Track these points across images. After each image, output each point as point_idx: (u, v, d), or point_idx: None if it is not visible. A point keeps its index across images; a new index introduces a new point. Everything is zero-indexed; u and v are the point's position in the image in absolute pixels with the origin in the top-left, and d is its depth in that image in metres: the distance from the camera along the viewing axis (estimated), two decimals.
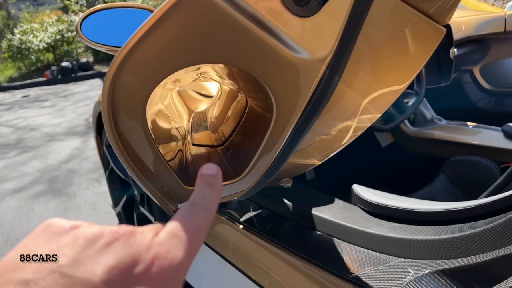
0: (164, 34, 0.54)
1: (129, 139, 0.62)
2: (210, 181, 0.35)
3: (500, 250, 0.69)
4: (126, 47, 0.54)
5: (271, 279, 1.17)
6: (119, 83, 0.57)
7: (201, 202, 0.33)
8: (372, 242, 0.95)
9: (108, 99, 0.57)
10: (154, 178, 0.67)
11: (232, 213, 1.31)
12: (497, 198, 0.81)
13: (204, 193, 0.34)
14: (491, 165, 1.52)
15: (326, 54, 0.52)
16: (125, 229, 0.29)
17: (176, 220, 0.31)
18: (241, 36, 0.53)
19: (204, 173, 0.35)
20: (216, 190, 0.34)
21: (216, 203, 0.34)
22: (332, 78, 0.53)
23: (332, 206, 1.15)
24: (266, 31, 0.53)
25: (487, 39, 2.07)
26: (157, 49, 0.55)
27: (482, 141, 1.73)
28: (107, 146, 1.93)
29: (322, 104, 0.55)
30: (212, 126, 0.97)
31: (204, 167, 0.36)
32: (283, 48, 0.54)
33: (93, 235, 0.28)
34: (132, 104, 0.59)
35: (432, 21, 0.56)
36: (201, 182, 0.35)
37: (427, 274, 0.76)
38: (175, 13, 0.52)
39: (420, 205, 0.97)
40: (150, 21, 0.53)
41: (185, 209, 0.32)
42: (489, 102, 2.24)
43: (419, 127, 1.94)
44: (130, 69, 0.56)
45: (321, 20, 0.52)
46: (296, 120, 0.57)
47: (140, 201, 1.79)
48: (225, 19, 0.53)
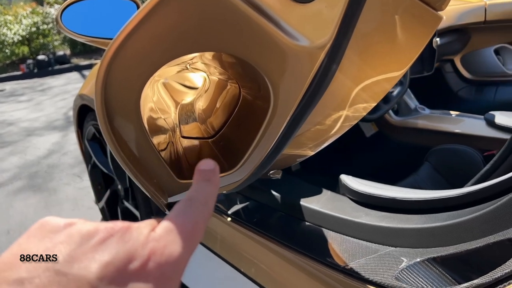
0: (160, 23, 0.52)
1: (123, 131, 0.60)
2: (208, 176, 0.34)
3: (491, 237, 0.70)
4: (119, 37, 0.53)
5: (259, 270, 1.17)
6: (112, 74, 0.55)
7: (199, 197, 0.32)
8: (362, 232, 0.95)
9: (102, 91, 0.56)
10: (146, 171, 0.66)
11: (219, 206, 1.30)
12: (484, 185, 0.82)
13: (202, 188, 0.33)
14: (474, 153, 1.55)
15: (326, 42, 0.51)
16: (120, 225, 0.28)
17: (173, 215, 0.30)
18: (239, 23, 0.52)
19: (202, 168, 0.35)
20: (213, 185, 0.34)
21: (214, 198, 0.34)
22: (330, 66, 0.52)
23: (320, 197, 1.15)
24: (265, 17, 0.52)
25: (467, 29, 2.10)
26: (152, 38, 0.53)
27: (465, 130, 1.76)
28: (89, 140, 1.89)
29: (319, 93, 0.54)
30: (200, 117, 0.95)
31: (202, 162, 0.35)
32: (283, 36, 0.53)
33: (87, 232, 0.27)
34: (126, 95, 0.57)
35: (428, 7, 0.55)
36: (198, 177, 0.34)
37: (419, 263, 0.77)
38: (171, 1, 0.50)
39: (409, 194, 0.98)
40: (144, 9, 0.52)
41: (182, 204, 0.31)
42: (470, 91, 2.27)
43: (403, 117, 1.96)
44: (125, 60, 0.54)
45: (321, 7, 0.51)
46: (293, 110, 0.56)
47: (124, 196, 1.76)
48: (223, 4, 0.51)
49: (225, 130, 0.81)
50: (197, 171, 0.35)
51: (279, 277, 1.09)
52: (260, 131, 0.62)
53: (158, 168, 0.67)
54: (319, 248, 0.98)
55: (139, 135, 0.62)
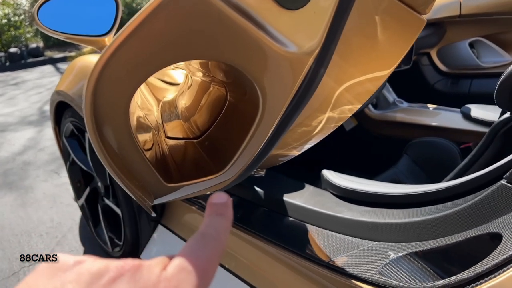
0: (151, 33, 0.52)
1: (111, 137, 0.60)
2: (220, 210, 0.33)
3: (471, 231, 0.72)
4: (111, 47, 0.52)
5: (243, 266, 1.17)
6: (102, 83, 0.54)
7: (211, 232, 0.31)
8: (345, 227, 0.96)
9: (91, 99, 0.55)
10: (132, 174, 0.65)
11: (202, 202, 1.30)
12: (463, 180, 0.84)
13: (214, 223, 0.32)
14: (451, 146, 1.58)
15: (314, 47, 0.52)
16: (130, 263, 0.27)
17: (185, 253, 0.29)
18: (229, 30, 0.52)
19: (214, 202, 0.34)
20: (226, 220, 0.33)
21: (227, 234, 0.33)
22: (318, 71, 0.53)
23: (302, 192, 1.16)
24: (254, 24, 0.52)
25: (443, 22, 2.13)
26: (143, 48, 0.53)
27: (442, 123, 1.79)
28: (67, 137, 1.86)
29: (307, 97, 0.54)
30: (183, 115, 0.95)
31: (214, 196, 0.34)
32: (271, 42, 0.53)
33: (98, 271, 0.26)
34: (116, 103, 0.57)
35: (412, 11, 0.56)
36: (210, 211, 0.33)
37: (401, 257, 0.78)
38: (163, 9, 0.50)
39: (390, 189, 0.99)
40: (137, 18, 0.51)
41: (194, 240, 0.30)
42: (445, 84, 2.32)
43: (382, 110, 1.99)
44: (115, 69, 0.54)
45: (309, 13, 0.51)
46: (281, 113, 0.57)
47: (104, 193, 1.74)
48: (213, 12, 0.51)
49: (211, 131, 0.81)
50: (209, 204, 0.34)
51: (264, 272, 1.10)
52: (249, 134, 0.62)
53: (144, 171, 0.66)
54: (302, 243, 0.99)
55: (127, 140, 0.61)
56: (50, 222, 2.26)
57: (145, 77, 0.56)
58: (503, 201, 0.69)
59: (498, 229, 0.65)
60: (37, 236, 2.14)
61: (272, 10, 0.52)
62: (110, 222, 1.79)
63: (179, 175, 0.77)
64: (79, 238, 2.10)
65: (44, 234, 2.15)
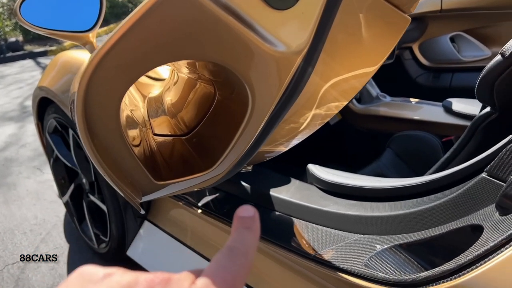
0: (143, 34, 0.52)
1: (102, 135, 0.60)
2: (248, 224, 0.32)
3: (453, 223, 0.74)
4: (106, 45, 0.52)
5: None
6: (94, 83, 0.55)
7: (240, 246, 0.31)
8: (330, 220, 0.98)
9: (84, 95, 0.55)
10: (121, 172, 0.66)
11: (189, 198, 1.30)
12: (446, 173, 0.86)
13: (243, 236, 0.31)
14: (433, 139, 1.61)
15: (302, 47, 0.53)
16: (160, 276, 0.27)
17: (214, 267, 0.29)
18: (219, 31, 0.52)
19: (242, 215, 0.33)
20: (254, 234, 0.32)
21: (255, 248, 0.32)
22: (306, 70, 0.54)
23: (289, 186, 1.17)
24: (244, 24, 0.53)
25: (425, 17, 2.16)
26: (135, 49, 0.53)
27: (424, 117, 1.82)
28: (50, 133, 1.84)
29: (295, 95, 0.55)
30: (170, 111, 0.95)
31: (241, 209, 0.33)
32: (260, 41, 0.53)
33: (127, 284, 0.27)
34: (108, 103, 0.57)
35: (397, 9, 0.57)
36: (238, 225, 0.33)
37: (386, 249, 0.80)
38: (156, 11, 0.50)
39: (375, 182, 1.01)
40: (130, 20, 0.51)
41: (222, 254, 0.30)
42: (427, 78, 2.35)
43: (365, 104, 2.01)
44: (110, 66, 0.54)
45: (298, 13, 0.52)
46: (270, 111, 0.58)
47: (89, 190, 1.73)
48: (203, 13, 0.51)
49: (200, 128, 0.82)
50: (236, 218, 0.33)
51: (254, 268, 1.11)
52: (238, 132, 0.63)
53: (133, 169, 0.67)
54: (289, 237, 1.00)
55: (117, 138, 0.62)
56: (34, 219, 2.24)
57: (137, 77, 0.57)
58: (484, 193, 0.71)
59: (479, 221, 0.67)
60: (21, 233, 2.12)
61: (261, 10, 0.53)
62: (95, 218, 1.79)
63: (167, 172, 0.78)
64: (64, 235, 2.08)
65: (28, 231, 2.13)
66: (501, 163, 0.69)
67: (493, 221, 0.63)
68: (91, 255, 1.89)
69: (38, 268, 1.83)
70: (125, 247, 1.59)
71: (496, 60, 0.90)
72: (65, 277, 1.77)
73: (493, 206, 0.67)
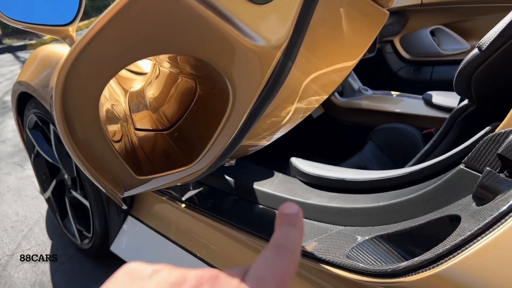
0: (123, 27, 0.52)
1: (81, 131, 0.59)
2: (293, 221, 0.32)
3: (432, 214, 0.76)
4: (85, 38, 0.52)
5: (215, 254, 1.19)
6: (73, 77, 0.54)
7: (286, 244, 0.30)
8: (313, 213, 0.99)
9: (62, 90, 0.54)
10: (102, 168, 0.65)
11: (172, 193, 1.30)
12: (425, 165, 0.88)
13: (288, 233, 0.31)
14: (413, 132, 1.64)
15: (282, 41, 0.53)
16: (209, 273, 0.27)
17: (262, 264, 0.29)
18: (199, 25, 0.53)
19: (286, 212, 0.33)
20: (299, 230, 0.32)
21: (300, 245, 0.32)
22: (286, 64, 0.54)
23: (272, 180, 1.18)
24: (223, 18, 0.53)
25: (405, 11, 2.19)
26: (115, 42, 0.53)
27: (405, 109, 1.85)
28: (31, 129, 1.81)
29: (276, 89, 0.56)
30: (152, 106, 0.95)
31: (285, 206, 0.33)
32: (240, 36, 0.54)
33: (176, 281, 0.26)
34: (86, 98, 0.57)
35: (375, 4, 0.58)
36: (282, 221, 0.32)
37: (367, 240, 0.82)
38: (135, 4, 0.50)
39: (356, 175, 1.03)
40: (109, 12, 0.51)
41: (270, 251, 0.30)
42: (408, 71, 2.38)
43: (348, 98, 2.03)
44: (88, 60, 0.53)
45: (277, 7, 0.53)
46: (251, 105, 0.58)
47: (71, 185, 1.72)
48: (183, 7, 0.51)
49: (181, 123, 0.82)
50: (280, 215, 0.33)
51: (235, 259, 1.12)
52: (219, 126, 0.63)
53: (114, 165, 0.66)
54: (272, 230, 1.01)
55: (97, 134, 0.61)
56: (15, 216, 2.21)
57: (115, 71, 0.56)
58: (462, 184, 0.73)
59: (457, 211, 0.68)
60: (1, 230, 2.09)
61: (241, 5, 0.53)
62: (78, 214, 1.77)
63: (149, 167, 0.78)
64: (46, 232, 2.06)
65: (10, 228, 2.11)
66: (478, 155, 0.70)
67: (470, 211, 0.65)
68: (74, 251, 1.88)
69: (20, 265, 1.82)
70: (109, 242, 1.59)
71: (473, 54, 0.92)
72: (48, 274, 1.76)
73: (470, 196, 0.69)
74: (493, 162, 0.66)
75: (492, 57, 0.90)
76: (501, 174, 0.63)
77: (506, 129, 0.67)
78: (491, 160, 0.67)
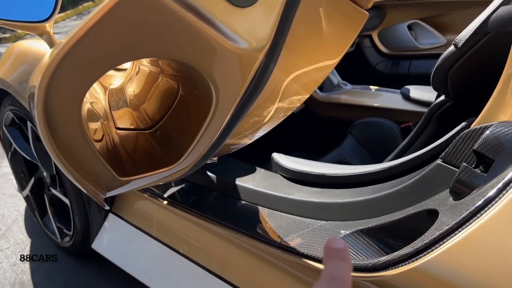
0: (103, 32, 0.51)
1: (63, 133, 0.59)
2: (342, 255, 0.33)
3: (411, 208, 0.78)
4: (70, 41, 0.52)
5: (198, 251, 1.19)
6: (56, 77, 0.54)
7: (340, 275, 0.32)
8: (295, 208, 1.00)
9: (45, 92, 0.54)
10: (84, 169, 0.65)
11: (154, 190, 1.30)
12: (403, 160, 0.90)
13: (339, 266, 0.32)
14: (392, 125, 1.66)
15: (264, 43, 0.54)
16: None
17: None
18: (182, 29, 0.53)
19: (333, 247, 0.34)
20: (349, 264, 0.34)
21: (350, 278, 0.33)
22: (268, 66, 0.55)
23: (254, 176, 1.19)
24: (206, 22, 0.53)
25: (384, 5, 2.21)
26: (97, 45, 0.52)
27: (383, 104, 1.88)
28: (7, 126, 1.78)
29: (258, 90, 0.57)
30: (132, 103, 0.94)
31: (332, 241, 0.35)
32: (223, 39, 0.54)
33: None
34: (70, 98, 0.56)
35: (355, 4, 0.59)
36: (331, 256, 0.34)
37: (348, 235, 0.83)
38: (119, 8, 0.50)
39: (337, 170, 1.04)
40: (91, 19, 0.51)
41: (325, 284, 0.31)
42: (386, 65, 2.41)
43: (327, 93, 2.05)
44: (69, 67, 0.53)
45: (259, 10, 0.53)
46: (234, 106, 0.59)
47: (50, 183, 1.69)
48: (166, 12, 0.52)
49: (163, 123, 0.81)
50: (328, 249, 0.34)
51: (218, 255, 1.13)
52: (203, 126, 0.64)
53: (96, 166, 0.66)
54: (255, 226, 1.02)
55: (79, 136, 0.61)
56: None
57: (97, 76, 0.56)
58: (439, 179, 0.75)
59: (435, 205, 0.70)
60: None
61: (223, 8, 0.54)
62: (58, 212, 1.75)
63: (131, 166, 0.78)
64: (25, 230, 2.03)
65: None
66: (455, 150, 0.72)
67: (447, 206, 0.67)
68: (54, 250, 1.86)
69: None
70: (90, 240, 1.57)
71: (450, 51, 0.94)
72: (28, 273, 1.74)
73: (448, 191, 0.70)
74: (469, 158, 0.68)
75: (468, 54, 0.92)
76: (477, 170, 0.65)
77: (481, 125, 0.69)
78: (467, 156, 0.69)
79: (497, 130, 0.63)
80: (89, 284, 1.63)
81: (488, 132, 0.64)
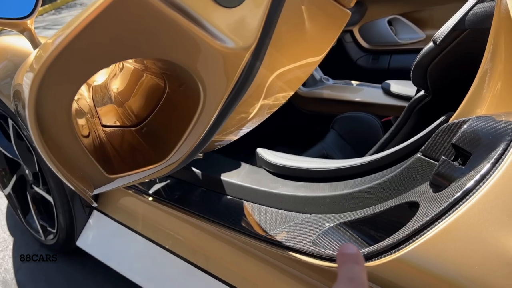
0: (93, 34, 0.52)
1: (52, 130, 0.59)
2: (356, 259, 0.35)
3: (392, 201, 0.80)
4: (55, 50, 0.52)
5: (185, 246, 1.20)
6: (46, 82, 0.54)
7: (359, 277, 0.33)
8: (280, 202, 1.02)
9: (36, 91, 0.54)
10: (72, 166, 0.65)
11: (139, 186, 1.30)
12: (384, 154, 0.92)
13: (356, 269, 0.34)
14: (373, 120, 1.69)
15: (251, 43, 0.55)
16: None
17: None
18: (170, 28, 0.53)
19: (346, 252, 0.36)
20: (363, 266, 0.35)
21: (367, 279, 0.35)
22: (254, 64, 0.56)
23: (239, 171, 1.20)
24: (193, 22, 0.54)
25: (364, 1, 2.24)
26: (89, 48, 0.53)
27: (364, 98, 1.91)
28: None
29: (245, 88, 0.58)
30: (117, 100, 0.94)
31: (344, 247, 0.37)
32: (210, 38, 0.55)
33: None
34: (60, 98, 0.56)
35: (337, 3, 0.60)
36: (345, 260, 0.35)
37: (332, 227, 0.85)
38: (105, 13, 0.50)
39: (320, 164, 1.06)
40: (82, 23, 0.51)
41: (344, 285, 0.33)
42: (367, 60, 2.44)
43: (310, 88, 2.07)
44: (58, 70, 0.53)
45: (246, 10, 0.54)
46: (222, 103, 0.60)
47: (33, 181, 1.68)
48: (153, 12, 0.52)
49: (150, 120, 0.82)
50: (341, 255, 0.36)
51: (204, 250, 1.14)
52: (191, 123, 0.64)
53: (84, 162, 0.67)
54: (240, 220, 1.03)
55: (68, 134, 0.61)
56: None
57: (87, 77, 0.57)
58: (419, 172, 0.78)
59: (416, 198, 0.73)
60: None
61: (210, 9, 0.54)
62: (41, 210, 1.74)
63: (119, 162, 0.78)
64: (7, 229, 2.01)
65: None
66: (434, 144, 0.75)
67: (427, 198, 0.69)
68: (38, 247, 1.84)
69: None
70: (74, 237, 1.57)
71: (429, 47, 0.97)
72: (11, 272, 1.72)
73: (428, 183, 0.73)
74: (447, 151, 0.70)
75: (446, 50, 0.94)
76: (455, 163, 0.67)
77: (459, 119, 0.72)
78: (446, 149, 0.71)
79: (474, 124, 0.66)
80: (74, 282, 1.62)
81: (465, 126, 0.67)
